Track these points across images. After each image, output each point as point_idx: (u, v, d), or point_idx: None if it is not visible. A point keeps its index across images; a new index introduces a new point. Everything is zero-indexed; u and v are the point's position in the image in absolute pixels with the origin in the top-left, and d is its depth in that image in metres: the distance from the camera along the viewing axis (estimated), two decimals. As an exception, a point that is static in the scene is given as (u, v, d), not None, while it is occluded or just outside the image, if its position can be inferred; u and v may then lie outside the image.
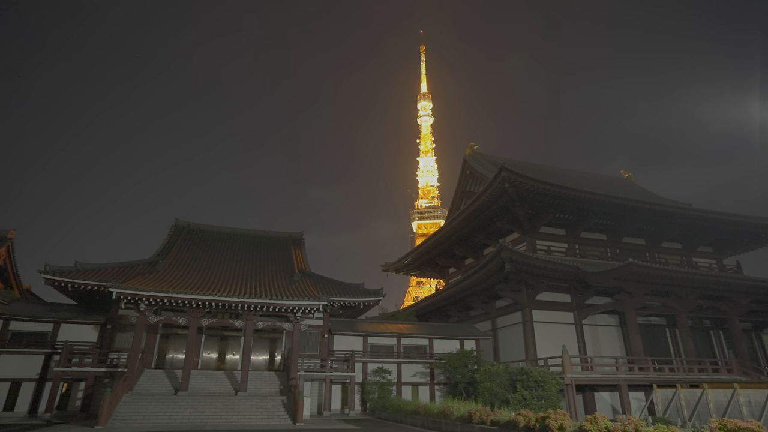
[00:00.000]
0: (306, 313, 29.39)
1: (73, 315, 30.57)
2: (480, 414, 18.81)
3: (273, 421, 23.74)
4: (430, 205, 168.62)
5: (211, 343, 32.49)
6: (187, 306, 27.25)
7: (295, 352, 28.81)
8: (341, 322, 36.51)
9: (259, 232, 45.55)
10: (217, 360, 32.48)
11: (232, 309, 28.24)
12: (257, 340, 32.21)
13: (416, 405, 25.86)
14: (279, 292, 29.58)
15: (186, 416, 23.23)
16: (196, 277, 31.31)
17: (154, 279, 28.78)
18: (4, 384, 27.45)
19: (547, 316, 34.44)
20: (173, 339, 31.92)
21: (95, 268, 30.49)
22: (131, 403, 23.54)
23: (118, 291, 25.51)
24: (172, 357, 31.63)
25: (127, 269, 31.18)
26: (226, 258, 37.34)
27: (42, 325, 29.69)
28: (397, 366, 34.09)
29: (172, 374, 28.18)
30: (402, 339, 35.88)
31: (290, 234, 45.53)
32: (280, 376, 29.86)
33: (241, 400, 25.45)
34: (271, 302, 27.82)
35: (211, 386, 27.53)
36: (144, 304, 26.56)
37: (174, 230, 41.17)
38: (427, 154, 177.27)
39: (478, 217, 40.12)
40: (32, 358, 28.40)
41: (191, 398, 25.02)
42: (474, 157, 49.79)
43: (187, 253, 37.07)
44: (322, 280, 35.57)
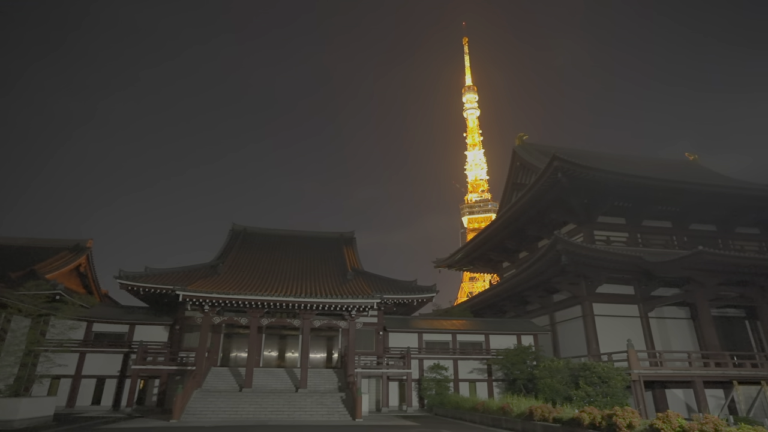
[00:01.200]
0: (360, 310, 29.85)
1: (146, 317, 32.78)
2: (541, 411, 18.32)
3: (333, 417, 24.31)
4: (480, 199, 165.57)
5: (271, 341, 33.72)
6: (247, 306, 28.47)
7: (351, 350, 29.33)
8: (395, 319, 36.73)
9: (311, 233, 46.71)
10: (277, 358, 33.67)
11: (289, 308, 29.19)
12: (314, 338, 33.07)
13: (474, 402, 25.56)
14: (333, 290, 30.22)
15: (251, 412, 24.28)
16: (254, 278, 32.62)
17: (215, 281, 30.29)
18: (91, 380, 29.92)
19: (609, 309, 32.92)
20: (236, 338, 33.43)
21: (163, 272, 32.54)
22: (201, 399, 24.93)
23: (184, 293, 27.12)
24: (235, 355, 33.14)
25: (191, 273, 33.01)
26: (281, 259, 38.61)
27: (119, 326, 32.06)
28: (453, 362, 33.84)
29: (236, 372, 29.55)
30: (457, 335, 35.57)
31: (341, 234, 46.34)
32: (337, 373, 30.51)
33: (301, 396, 26.26)
34: (326, 301, 28.48)
35: (272, 383, 28.60)
36: (207, 306, 28.04)
37: (231, 234, 43.12)
38: (475, 147, 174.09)
39: (531, 209, 38.97)
40: (113, 356, 30.74)
41: (255, 395, 26.13)
42: (523, 147, 48.38)
43: (245, 255, 38.69)
44: (375, 278, 35.93)
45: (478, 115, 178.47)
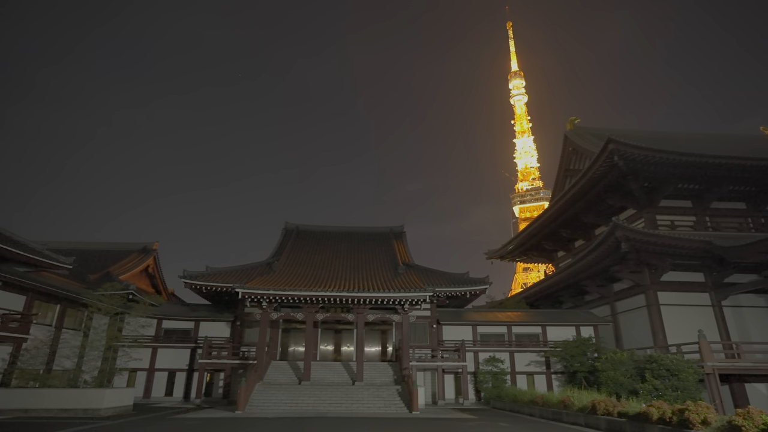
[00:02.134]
0: (413, 304, 29.93)
1: (209, 314, 34.56)
2: (605, 405, 17.62)
3: (390, 410, 24.59)
4: (532, 187, 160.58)
5: (326, 336, 34.56)
6: (303, 302, 29.31)
7: (405, 343, 29.52)
8: (449, 312, 36.52)
9: (361, 229, 47.28)
10: (333, 352, 34.46)
11: (342, 303, 29.77)
12: (369, 332, 33.53)
13: (533, 395, 25.00)
14: (385, 285, 30.48)
15: (310, 404, 25.05)
16: (308, 274, 33.50)
17: (271, 279, 31.39)
18: (163, 374, 32.01)
19: (676, 298, 31.04)
20: (293, 333, 34.54)
21: (222, 271, 34.13)
22: (263, 392, 26.01)
23: (243, 291, 28.33)
24: (293, 350, 34.26)
25: (249, 271, 34.39)
26: (333, 255, 39.39)
27: (186, 323, 34.02)
28: (509, 355, 33.23)
29: (294, 365, 30.56)
30: (513, 327, 34.86)
31: (391, 228, 46.59)
32: (392, 366, 30.81)
33: (358, 389, 26.76)
34: (378, 295, 28.78)
35: (330, 376, 29.34)
36: (265, 302, 29.14)
37: (284, 233, 44.48)
38: (524, 134, 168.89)
39: (586, 195, 37.35)
40: (181, 351, 32.69)
41: (313, 387, 26.92)
42: (576, 131, 46.36)
43: (298, 252, 39.80)
44: (427, 272, 35.87)
45: (525, 101, 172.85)
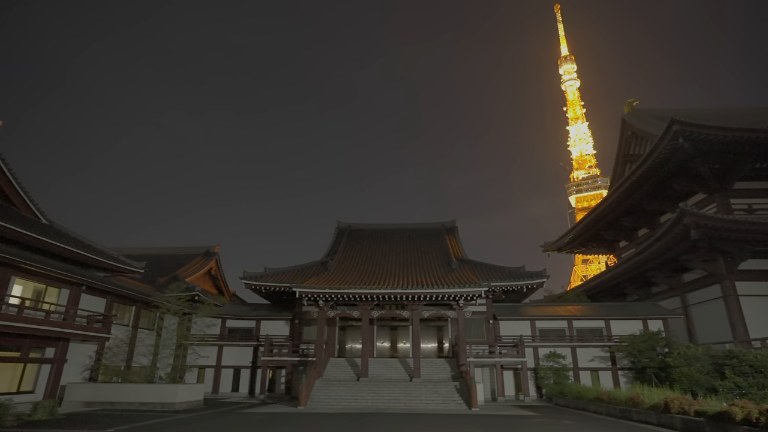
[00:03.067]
0: (468, 299, 29.58)
1: (269, 313, 35.88)
2: (680, 403, 16.59)
3: (449, 406, 24.47)
4: (588, 175, 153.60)
5: (383, 333, 34.90)
6: (358, 300, 29.76)
7: (461, 339, 29.24)
8: (505, 307, 35.78)
9: (412, 225, 47.27)
10: (389, 349, 34.74)
11: (397, 300, 29.93)
12: (424, 328, 33.52)
13: (598, 391, 23.97)
14: (439, 281, 30.32)
15: (369, 400, 25.41)
16: (362, 272, 33.95)
17: (327, 277, 32.10)
18: (229, 370, 33.64)
19: (757, 288, 28.72)
20: (350, 330, 35.15)
21: (280, 271, 35.30)
22: (323, 388, 26.69)
23: (300, 290, 29.17)
24: (350, 347, 34.88)
25: (305, 270, 35.36)
26: (385, 252, 39.67)
27: (248, 322, 35.53)
28: (571, 350, 32.07)
29: (352, 362, 31.11)
30: (573, 321, 33.61)
31: (443, 224, 46.24)
32: (450, 362, 30.62)
33: (416, 385, 26.83)
34: (433, 291, 28.68)
35: (387, 373, 29.61)
36: (322, 300, 29.85)
37: (337, 232, 45.32)
38: (577, 121, 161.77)
39: (649, 180, 35.29)
40: (245, 349, 34.20)
41: (372, 384, 27.28)
42: (634, 115, 43.85)
43: (352, 251, 40.43)
44: (481, 266, 35.32)
45: (578, 86, 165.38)
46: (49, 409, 18.18)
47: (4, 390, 20.21)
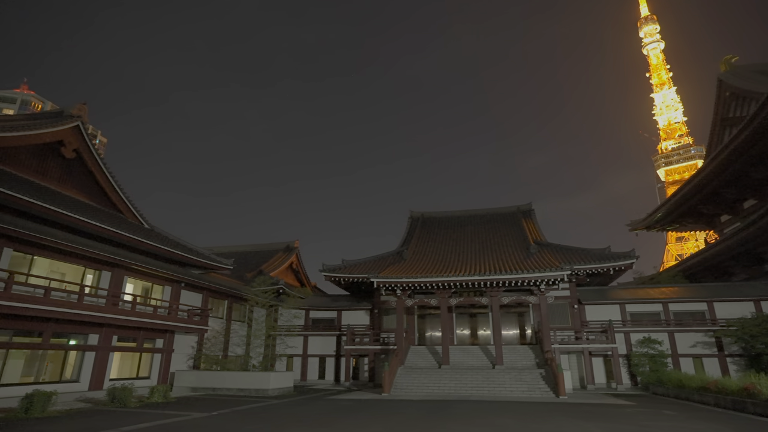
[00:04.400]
0: (549, 284, 28.43)
1: (349, 303, 37.03)
2: (805, 392, 14.75)
3: (535, 394, 23.79)
4: (679, 145, 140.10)
5: (462, 320, 34.63)
6: (435, 288, 29.75)
7: (545, 325, 28.21)
8: (591, 290, 33.94)
9: (487, 210, 46.20)
10: (470, 336, 34.42)
11: (475, 287, 29.51)
12: (504, 315, 32.77)
13: (704, 380, 21.96)
14: (517, 266, 29.43)
15: (452, 387, 25.39)
16: (438, 260, 33.85)
17: (403, 267, 32.40)
18: (315, 359, 35.30)
19: None
20: (429, 318, 35.29)
21: (357, 262, 36.21)
22: (405, 375, 27.10)
23: (378, 280, 29.74)
24: (430, 335, 35.03)
25: (381, 260, 35.96)
26: (460, 239, 39.20)
27: (329, 312, 36.94)
28: (668, 335, 29.72)
29: (432, 350, 31.24)
30: (670, 304, 31.07)
31: (518, 207, 44.71)
32: (533, 349, 29.71)
33: (499, 373, 26.37)
34: (511, 277, 27.90)
35: (468, 360, 29.38)
36: (399, 290, 30.21)
37: (410, 221, 45.50)
38: (663, 86, 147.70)
39: (755, 144, 31.45)
40: (328, 339, 35.64)
41: (453, 371, 27.23)
42: (733, 73, 39.16)
43: (426, 239, 40.42)
44: (562, 249, 33.74)
45: (662, 48, 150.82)
46: (163, 393, 20.24)
47: (126, 376, 22.87)
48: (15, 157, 22.25)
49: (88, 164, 26.09)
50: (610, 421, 14.80)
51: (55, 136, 23.98)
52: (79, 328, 20.22)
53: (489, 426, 13.55)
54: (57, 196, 22.27)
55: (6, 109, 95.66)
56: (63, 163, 24.85)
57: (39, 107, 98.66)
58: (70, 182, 25.20)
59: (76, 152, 25.30)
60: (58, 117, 25.50)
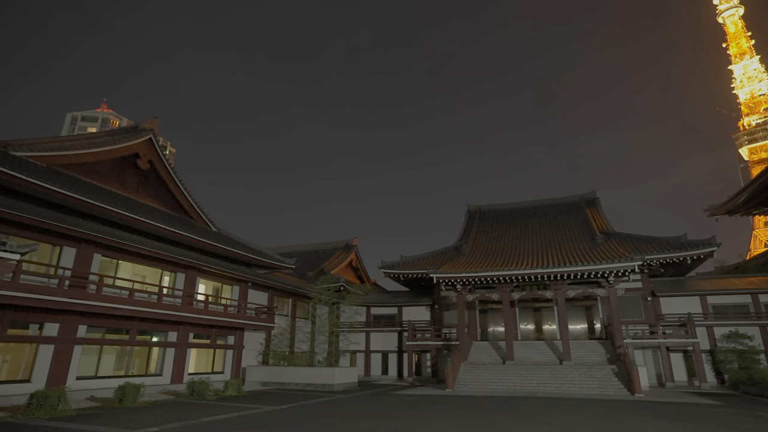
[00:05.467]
0: (618, 276, 26.96)
1: (409, 299, 37.14)
2: None
3: (607, 391, 22.66)
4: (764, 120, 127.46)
5: (525, 315, 33.66)
6: (496, 282, 29.12)
7: (615, 319, 26.78)
8: (666, 281, 31.80)
9: (547, 201, 44.54)
10: (534, 331, 33.39)
11: (538, 281, 28.57)
12: (571, 308, 31.48)
13: (803, 378, 19.90)
14: (583, 257, 28.13)
15: (517, 383, 24.78)
16: (498, 254, 33.11)
17: (462, 262, 32.01)
18: (377, 355, 35.78)
19: None
20: (491, 314, 34.63)
21: (415, 258, 36.23)
22: (468, 371, 26.79)
23: (437, 275, 29.59)
24: (493, 330, 34.37)
25: (439, 256, 35.74)
26: (520, 231, 38.09)
27: (390, 309, 37.28)
28: (759, 329, 27.26)
29: (496, 345, 30.63)
30: (760, 296, 28.42)
31: (581, 196, 42.71)
32: (603, 344, 28.31)
33: (567, 368, 25.39)
34: (577, 269, 26.74)
35: (533, 356, 28.53)
36: (459, 285, 29.88)
37: (468, 215, 44.81)
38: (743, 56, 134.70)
39: None
40: (389, 334, 35.97)
41: (518, 367, 26.55)
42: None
43: (485, 233, 39.65)
44: (631, 238, 31.84)
45: (741, 14, 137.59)
46: (236, 387, 21.38)
47: (202, 370, 24.39)
48: (99, 170, 24.34)
49: (161, 174, 28.00)
50: (694, 421, 13.78)
51: (131, 150, 25.95)
52: (160, 326, 21.83)
53: (559, 424, 13.09)
54: (136, 205, 24.11)
55: (90, 127, 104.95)
56: (139, 174, 26.84)
57: (117, 123, 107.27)
58: (145, 191, 27.19)
59: (150, 163, 27.22)
60: (133, 131, 27.61)
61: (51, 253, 18.10)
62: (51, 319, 17.23)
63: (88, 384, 18.21)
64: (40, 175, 18.14)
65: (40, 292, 15.76)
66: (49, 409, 13.72)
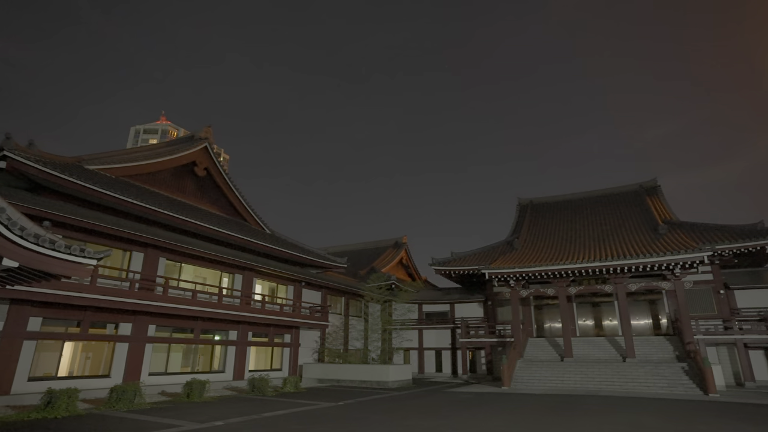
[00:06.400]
0: (685, 267, 25.32)
1: (461, 296, 36.73)
2: None
3: (676, 390, 21.35)
4: None
5: (583, 310, 32.36)
6: (551, 277, 28.20)
7: (683, 314, 25.18)
8: (741, 273, 29.56)
9: (604, 191, 42.57)
10: (594, 327, 32.03)
11: (596, 274, 27.38)
12: (633, 303, 29.92)
13: None
14: (644, 248, 26.66)
15: (577, 381, 23.88)
16: (552, 248, 32.04)
17: (514, 257, 31.24)
18: (431, 352, 35.67)
19: None
20: (546, 309, 33.57)
21: (466, 255, 35.77)
22: (525, 369, 26.12)
23: (489, 271, 29.05)
24: (549, 326, 33.30)
25: (491, 251, 35.07)
26: (575, 224, 36.65)
27: (442, 306, 37.03)
28: None
29: (553, 342, 29.66)
30: None
31: (640, 184, 40.46)
32: (670, 340, 26.70)
33: (630, 366, 24.17)
34: (638, 261, 25.37)
35: (594, 353, 27.38)
36: (512, 280, 29.18)
37: (519, 208, 43.67)
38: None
39: None
40: (442, 332, 35.74)
41: (578, 364, 25.58)
42: None
43: (537, 226, 38.49)
44: (698, 227, 29.80)
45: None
46: (294, 383, 22.04)
47: (262, 367, 25.34)
48: (161, 178, 25.85)
49: (217, 180, 29.31)
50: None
51: (189, 158, 27.35)
52: (221, 325, 22.88)
53: (627, 425, 12.42)
54: (195, 210, 25.40)
55: (151, 138, 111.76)
56: (197, 181, 28.24)
57: (175, 134, 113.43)
58: (203, 197, 28.57)
59: (206, 170, 28.56)
60: (189, 141, 29.09)
61: (122, 258, 19.44)
62: (125, 319, 18.52)
63: (159, 380, 19.42)
64: (112, 186, 19.53)
65: (114, 294, 16.99)
66: (127, 402, 14.77)
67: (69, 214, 16.38)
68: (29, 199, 16.03)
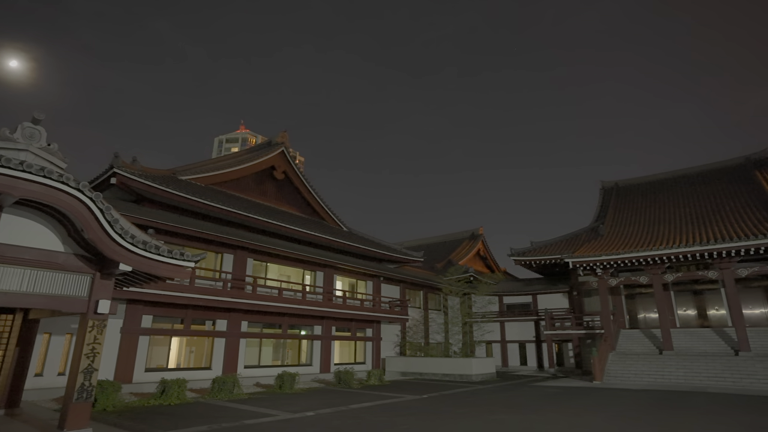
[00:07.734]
0: (809, 249, 22.23)
1: (543, 287, 35.25)
2: None
3: (804, 387, 18.87)
4: None
5: (683, 299, 29.63)
6: (643, 264, 26.15)
7: (808, 301, 22.15)
8: None
9: (701, 168, 38.59)
10: (697, 317, 29.21)
11: (696, 259, 24.95)
12: (744, 290, 26.84)
13: None
14: (756, 229, 23.79)
15: (680, 376, 21.96)
16: (642, 232, 29.68)
17: (600, 244, 29.36)
18: (514, 345, 34.66)
19: None
20: (639, 298, 31.19)
21: (546, 243, 34.22)
22: (618, 362, 24.49)
23: (573, 260, 27.59)
24: (643, 316, 30.92)
25: (573, 239, 33.25)
26: (668, 205, 33.61)
27: (523, 297, 35.80)
28: None
29: (648, 333, 27.52)
30: None
31: (747, 157, 36.12)
32: (793, 331, 23.63)
33: (745, 360, 21.75)
34: (750, 243, 22.72)
35: (698, 345, 25.01)
36: (599, 269, 27.46)
37: (603, 192, 40.91)
38: None
39: None
40: (525, 324, 34.56)
41: (679, 358, 23.52)
42: None
43: (624, 210, 35.84)
44: (823, 203, 26.02)
45: None
46: (378, 376, 22.52)
47: (346, 361, 26.20)
48: (244, 183, 27.56)
49: (294, 182, 30.65)
50: None
51: (268, 163, 28.86)
52: (306, 320, 23.97)
53: (750, 427, 11.10)
54: (276, 212, 26.78)
55: (233, 147, 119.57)
56: (276, 184, 29.73)
57: (254, 141, 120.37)
58: (282, 199, 30.02)
59: (284, 173, 29.96)
60: (267, 146, 30.67)
61: (215, 259, 21.04)
62: (220, 316, 20.05)
63: (253, 372, 20.81)
64: (203, 194, 21.19)
65: (210, 293, 18.47)
66: (227, 392, 16.02)
67: (168, 221, 18.03)
68: (134, 209, 17.86)
